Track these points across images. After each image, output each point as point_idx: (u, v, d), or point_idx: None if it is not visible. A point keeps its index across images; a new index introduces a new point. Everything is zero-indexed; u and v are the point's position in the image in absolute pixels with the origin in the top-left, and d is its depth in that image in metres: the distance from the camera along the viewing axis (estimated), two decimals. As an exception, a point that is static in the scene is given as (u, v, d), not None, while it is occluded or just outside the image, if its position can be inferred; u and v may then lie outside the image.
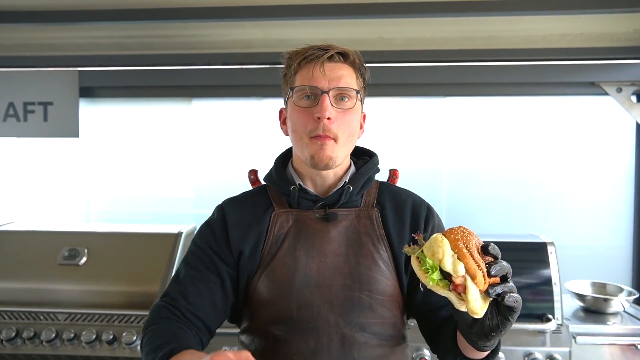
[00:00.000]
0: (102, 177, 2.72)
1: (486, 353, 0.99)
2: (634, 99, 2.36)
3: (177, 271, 1.14)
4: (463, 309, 0.82)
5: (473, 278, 0.80)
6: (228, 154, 2.65)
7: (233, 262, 1.12)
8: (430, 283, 0.83)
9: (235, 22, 2.27)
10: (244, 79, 2.50)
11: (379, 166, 1.22)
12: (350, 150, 1.15)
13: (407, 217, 1.13)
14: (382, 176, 1.28)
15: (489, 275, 0.81)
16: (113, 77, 2.56)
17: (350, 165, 1.19)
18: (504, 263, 0.83)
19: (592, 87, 2.39)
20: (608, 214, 2.48)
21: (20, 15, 2.24)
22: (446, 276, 0.82)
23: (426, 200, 1.20)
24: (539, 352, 1.79)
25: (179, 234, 2.08)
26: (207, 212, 1.22)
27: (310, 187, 1.14)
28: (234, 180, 2.59)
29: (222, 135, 2.65)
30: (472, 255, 0.81)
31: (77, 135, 2.56)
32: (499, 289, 0.81)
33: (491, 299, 0.82)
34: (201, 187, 2.67)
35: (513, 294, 0.82)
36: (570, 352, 1.80)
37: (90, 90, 2.59)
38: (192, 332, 1.04)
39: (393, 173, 1.41)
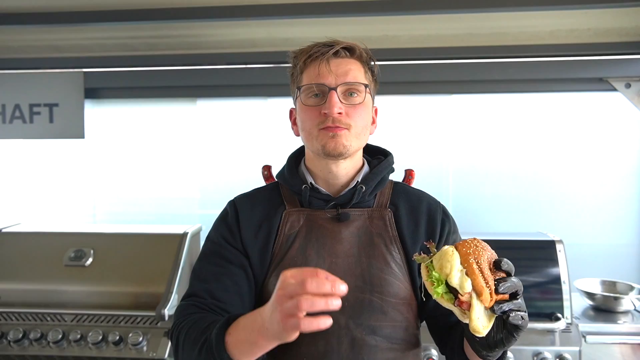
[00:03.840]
0: (108, 178, 2.72)
1: None
2: (643, 94, 2.33)
3: (195, 270, 1.11)
4: (467, 322, 0.80)
5: (479, 295, 0.79)
6: (233, 154, 2.64)
7: (248, 257, 1.10)
8: (435, 296, 0.82)
9: (239, 21, 2.26)
10: (248, 78, 2.50)
11: (393, 166, 1.19)
12: (363, 144, 1.12)
13: (422, 219, 1.12)
14: (397, 176, 1.26)
15: (497, 293, 0.79)
16: (118, 78, 2.56)
17: (363, 164, 1.17)
18: (514, 280, 0.81)
19: (600, 83, 2.36)
20: (617, 211, 2.45)
21: (24, 17, 2.24)
22: (452, 290, 0.81)
23: (441, 203, 1.19)
24: (548, 351, 1.77)
25: (185, 235, 2.08)
26: (212, 212, 1.21)
27: (322, 187, 1.13)
28: (240, 180, 2.59)
29: (227, 135, 2.65)
30: (481, 271, 0.79)
31: (82, 137, 2.56)
32: (505, 307, 0.80)
33: (496, 315, 0.81)
34: (207, 187, 2.67)
35: (519, 312, 0.81)
36: (580, 351, 1.78)
37: (96, 91, 2.60)
38: None
39: (409, 173, 1.38)
